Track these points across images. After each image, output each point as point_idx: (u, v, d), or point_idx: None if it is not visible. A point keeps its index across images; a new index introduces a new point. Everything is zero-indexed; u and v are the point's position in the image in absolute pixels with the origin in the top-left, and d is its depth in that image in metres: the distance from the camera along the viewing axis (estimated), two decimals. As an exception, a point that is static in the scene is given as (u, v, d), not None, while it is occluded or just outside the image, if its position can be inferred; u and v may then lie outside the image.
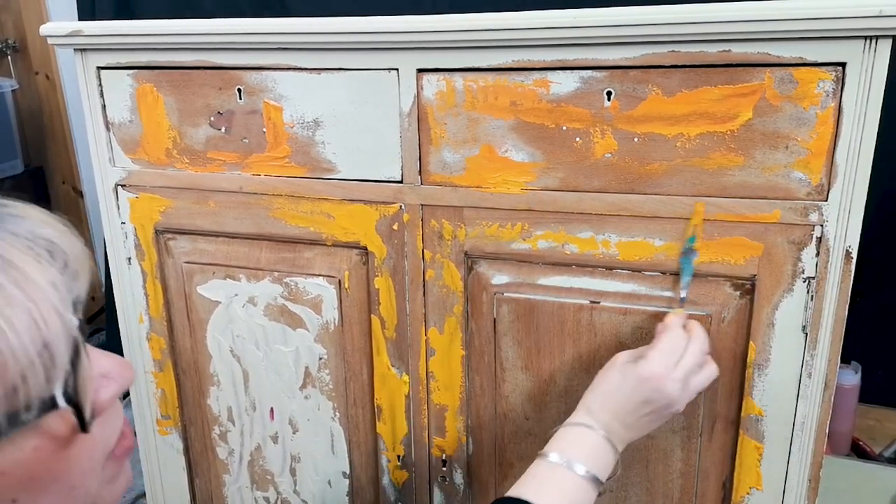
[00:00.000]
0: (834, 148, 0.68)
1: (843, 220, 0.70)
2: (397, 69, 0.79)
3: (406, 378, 0.91)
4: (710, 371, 0.73)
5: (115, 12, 1.74)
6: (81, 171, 2.23)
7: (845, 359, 1.47)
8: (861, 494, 1.34)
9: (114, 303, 1.94)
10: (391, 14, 0.78)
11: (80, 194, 2.25)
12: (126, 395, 1.76)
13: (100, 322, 2.29)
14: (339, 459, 0.99)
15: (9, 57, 2.16)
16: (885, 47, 0.64)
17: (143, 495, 1.13)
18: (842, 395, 1.44)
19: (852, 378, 1.47)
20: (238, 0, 1.65)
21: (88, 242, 2.30)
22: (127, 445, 0.47)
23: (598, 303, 0.80)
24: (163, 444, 1.07)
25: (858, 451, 1.51)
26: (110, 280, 1.93)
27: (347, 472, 0.99)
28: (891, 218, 1.37)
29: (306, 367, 0.95)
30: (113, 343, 1.97)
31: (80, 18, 1.79)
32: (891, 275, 1.44)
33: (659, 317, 0.78)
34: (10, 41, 2.14)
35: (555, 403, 0.86)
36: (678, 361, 0.70)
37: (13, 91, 2.12)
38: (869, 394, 1.50)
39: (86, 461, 0.43)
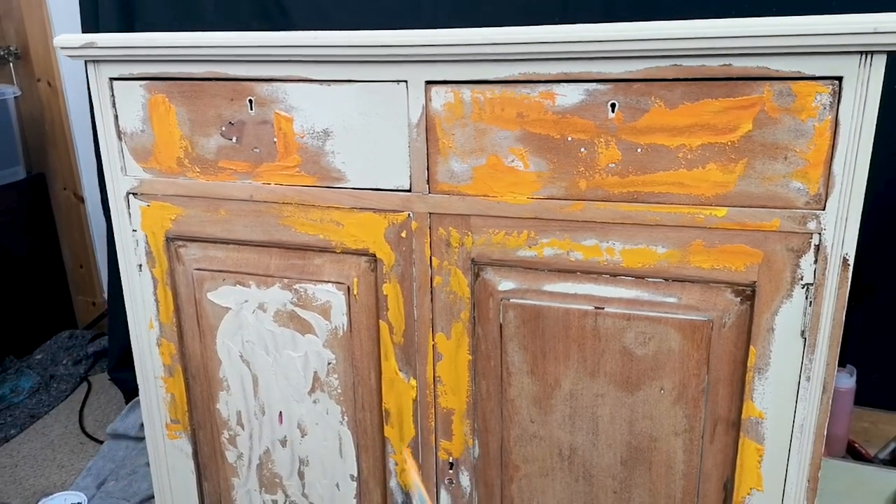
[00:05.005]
0: (831, 159, 0.71)
1: (841, 228, 0.72)
2: (406, 81, 0.81)
3: (413, 382, 0.92)
4: None
5: (119, 20, 1.75)
6: (83, 177, 2.24)
7: (841, 362, 1.49)
8: (856, 496, 1.36)
9: (115, 308, 1.95)
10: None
11: (82, 200, 2.26)
12: (136, 396, 1.77)
13: (101, 327, 2.30)
14: (347, 462, 1.00)
15: (11, 64, 2.17)
16: (880, 62, 0.67)
17: (152, 498, 1.14)
18: (837, 398, 1.46)
19: (848, 381, 1.49)
20: (238, 7, 1.66)
21: (89, 247, 2.31)
22: None
23: (603, 308, 0.83)
24: (172, 448, 1.09)
25: (854, 454, 1.53)
26: (112, 285, 1.94)
27: (355, 474, 1.01)
28: (885, 223, 1.39)
29: (315, 372, 0.97)
30: (113, 347, 1.98)
31: (83, 25, 1.80)
32: (884, 279, 1.46)
33: (661, 322, 0.80)
34: (12, 48, 2.15)
35: (560, 407, 0.88)
36: None
37: (15, 98, 2.14)
38: (864, 397, 1.52)
39: None
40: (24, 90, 2.17)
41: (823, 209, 0.72)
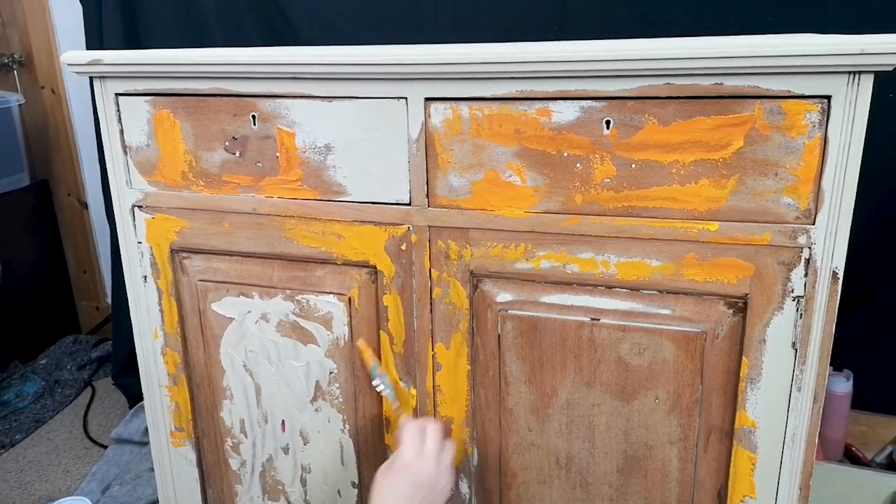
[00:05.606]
0: (820, 175, 0.72)
1: (830, 242, 0.74)
2: (406, 98, 0.83)
3: (414, 391, 0.94)
4: (451, 447, 0.89)
5: (122, 27, 1.76)
6: (86, 184, 2.26)
7: (838, 367, 1.50)
8: (853, 500, 1.37)
9: (119, 313, 1.97)
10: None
11: (85, 206, 2.28)
12: (139, 401, 1.79)
13: (105, 332, 2.32)
14: (349, 470, 1.02)
15: (15, 71, 2.19)
16: (867, 82, 0.68)
17: (156, 502, 1.16)
18: (834, 403, 1.47)
19: (845, 386, 1.50)
20: (242, 19, 1.68)
21: (93, 253, 2.33)
22: None
23: (598, 320, 0.84)
24: (176, 456, 1.11)
25: (851, 457, 1.54)
26: (116, 292, 1.96)
27: (356, 482, 1.03)
28: (884, 229, 1.41)
29: (317, 381, 0.99)
30: (118, 352, 2.00)
31: (86, 33, 1.82)
32: (881, 284, 1.48)
33: (656, 333, 0.82)
34: (16, 56, 2.17)
35: (556, 416, 0.89)
36: (422, 447, 0.85)
37: (19, 105, 2.15)
38: (861, 401, 1.54)
39: None
40: (28, 97, 2.19)
41: (813, 224, 0.74)
